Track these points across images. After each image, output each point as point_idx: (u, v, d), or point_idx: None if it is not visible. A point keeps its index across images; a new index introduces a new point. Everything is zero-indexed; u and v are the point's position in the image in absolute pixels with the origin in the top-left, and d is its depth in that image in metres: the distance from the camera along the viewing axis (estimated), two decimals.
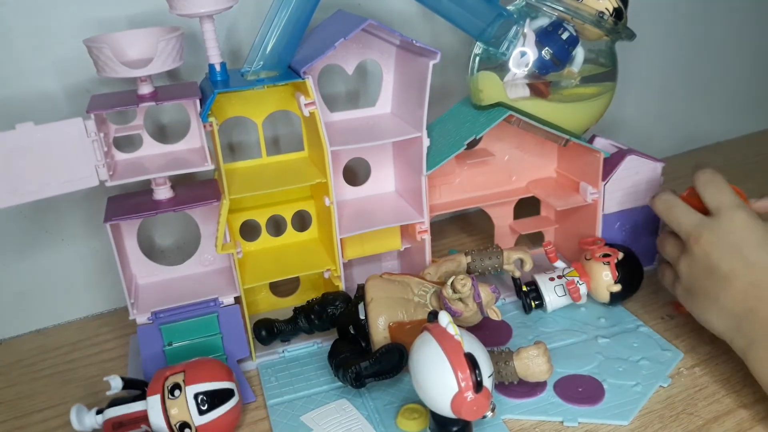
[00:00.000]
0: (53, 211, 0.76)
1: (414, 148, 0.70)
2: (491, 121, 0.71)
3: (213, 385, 0.57)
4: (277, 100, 0.70)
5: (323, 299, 0.68)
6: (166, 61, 0.59)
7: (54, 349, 0.76)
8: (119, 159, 0.66)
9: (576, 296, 0.71)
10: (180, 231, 0.82)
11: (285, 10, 0.62)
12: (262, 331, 0.68)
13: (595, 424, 0.59)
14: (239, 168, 0.71)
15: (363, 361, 0.60)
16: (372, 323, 0.62)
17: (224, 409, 0.57)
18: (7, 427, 0.65)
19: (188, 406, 0.56)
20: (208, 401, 0.56)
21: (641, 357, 0.66)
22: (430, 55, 0.64)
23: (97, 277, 0.80)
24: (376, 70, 0.76)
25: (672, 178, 0.82)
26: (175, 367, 0.58)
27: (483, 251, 0.73)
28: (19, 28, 0.69)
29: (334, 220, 0.68)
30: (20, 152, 0.55)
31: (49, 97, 0.72)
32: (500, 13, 0.69)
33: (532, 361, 0.59)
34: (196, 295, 0.67)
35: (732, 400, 0.61)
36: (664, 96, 1.13)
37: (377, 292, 0.64)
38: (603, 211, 0.77)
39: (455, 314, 0.63)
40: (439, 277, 0.70)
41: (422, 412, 0.60)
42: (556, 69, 0.71)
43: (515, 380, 0.61)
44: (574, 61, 0.72)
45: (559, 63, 0.71)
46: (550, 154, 0.83)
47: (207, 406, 0.56)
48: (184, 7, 0.60)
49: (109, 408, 0.58)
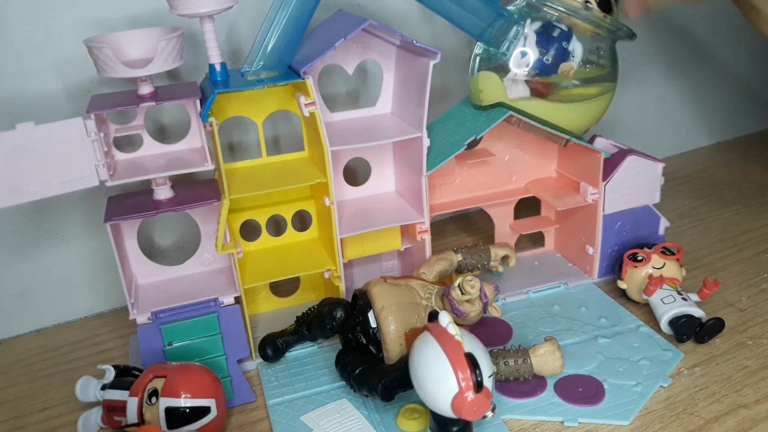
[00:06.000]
0: (53, 211, 0.76)
1: (414, 148, 0.70)
2: (491, 121, 0.71)
3: (188, 402, 0.56)
4: (278, 100, 0.70)
5: (324, 312, 0.66)
6: (166, 61, 0.59)
7: (54, 349, 0.76)
8: (119, 159, 0.66)
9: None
10: (180, 231, 0.82)
11: (285, 10, 0.62)
12: (268, 350, 0.68)
13: (595, 424, 0.59)
14: (239, 168, 0.71)
15: (386, 373, 0.59)
16: (385, 331, 0.61)
17: (195, 426, 0.56)
18: (7, 427, 0.65)
19: (159, 417, 0.55)
20: (178, 417, 0.55)
21: (642, 357, 0.66)
22: (430, 55, 0.64)
23: (97, 277, 0.80)
24: (376, 70, 0.76)
25: (672, 178, 0.82)
26: (163, 369, 0.58)
27: (472, 248, 0.74)
28: (20, 28, 0.69)
29: (335, 220, 0.68)
30: (21, 152, 0.55)
31: (50, 97, 0.72)
32: (500, 13, 0.69)
33: (549, 357, 0.61)
34: (196, 295, 0.66)
35: (732, 400, 0.61)
36: (664, 96, 1.13)
37: (387, 298, 0.62)
38: (603, 211, 0.77)
39: (463, 315, 0.63)
40: (434, 277, 0.70)
41: (422, 412, 0.60)
42: (556, 71, 0.71)
43: (530, 376, 0.62)
44: (574, 56, 0.71)
45: (559, 62, 0.71)
46: (550, 154, 0.83)
47: (177, 422, 0.55)
48: (184, 7, 0.60)
49: (109, 390, 0.60)
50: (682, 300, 0.69)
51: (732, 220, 0.94)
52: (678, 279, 0.72)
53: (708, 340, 0.68)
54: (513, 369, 0.61)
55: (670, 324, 0.69)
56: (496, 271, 0.76)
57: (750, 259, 0.83)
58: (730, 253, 0.85)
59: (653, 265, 0.72)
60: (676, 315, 0.68)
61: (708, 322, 0.67)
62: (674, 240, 0.84)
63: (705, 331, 0.67)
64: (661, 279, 0.71)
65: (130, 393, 0.57)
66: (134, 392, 0.57)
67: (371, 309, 0.63)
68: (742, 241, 0.88)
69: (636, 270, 0.73)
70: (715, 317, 0.68)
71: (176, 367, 0.59)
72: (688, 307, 0.68)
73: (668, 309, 0.68)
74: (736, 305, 0.74)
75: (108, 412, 0.60)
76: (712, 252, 0.86)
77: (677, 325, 0.67)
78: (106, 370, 0.61)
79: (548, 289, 0.79)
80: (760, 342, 0.68)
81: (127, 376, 0.62)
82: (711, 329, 0.67)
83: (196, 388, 0.57)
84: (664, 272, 0.72)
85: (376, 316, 0.62)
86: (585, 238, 0.80)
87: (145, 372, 0.58)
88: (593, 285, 0.79)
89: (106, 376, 0.61)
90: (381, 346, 0.62)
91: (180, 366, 0.59)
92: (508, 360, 0.61)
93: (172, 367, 0.58)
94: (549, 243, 0.87)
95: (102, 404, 0.61)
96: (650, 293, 0.70)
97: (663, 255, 0.73)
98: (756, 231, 0.90)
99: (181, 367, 0.59)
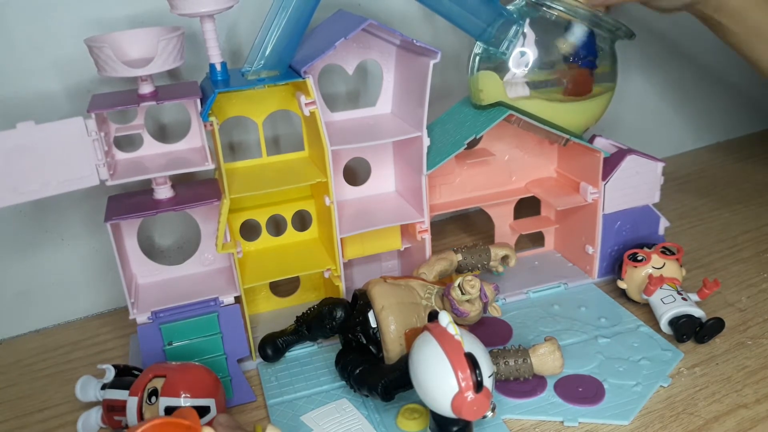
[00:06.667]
0: (53, 211, 0.76)
1: (414, 147, 0.70)
2: (491, 120, 0.71)
3: (187, 401, 0.56)
4: (278, 100, 0.70)
5: (324, 312, 0.66)
6: (166, 60, 0.59)
7: (54, 348, 0.76)
8: (120, 158, 0.66)
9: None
10: (180, 230, 0.82)
11: (285, 10, 0.62)
12: (268, 350, 0.68)
13: (595, 424, 0.59)
14: (239, 167, 0.71)
15: (387, 373, 0.59)
16: (385, 331, 0.61)
17: None
18: (7, 427, 0.65)
19: (159, 417, 0.55)
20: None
21: (642, 357, 0.66)
22: (430, 54, 0.64)
23: (97, 276, 0.80)
24: (376, 70, 0.76)
25: (672, 178, 0.82)
26: (163, 368, 0.58)
27: (472, 248, 0.74)
28: (20, 27, 0.69)
29: (335, 220, 0.68)
30: (21, 151, 0.55)
31: (50, 97, 0.71)
32: (500, 13, 0.69)
33: (549, 357, 0.61)
34: (196, 295, 0.66)
35: (732, 400, 0.61)
36: (664, 96, 1.13)
37: (387, 298, 0.62)
38: (603, 210, 0.77)
39: (462, 315, 0.63)
40: (434, 277, 0.70)
41: (422, 412, 0.60)
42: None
43: (530, 376, 0.62)
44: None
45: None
46: (550, 154, 0.83)
47: None
48: (184, 7, 0.60)
49: (109, 389, 0.60)
50: (682, 300, 0.69)
51: (732, 220, 0.94)
52: (678, 279, 0.72)
53: (708, 340, 0.68)
54: (513, 369, 0.61)
55: (670, 324, 0.69)
56: (496, 271, 0.76)
57: (750, 259, 0.83)
58: (730, 253, 0.85)
59: (653, 265, 0.72)
60: (676, 315, 0.68)
61: (708, 322, 0.67)
62: (674, 240, 0.84)
63: (705, 331, 0.67)
64: (661, 279, 0.71)
65: (130, 392, 0.57)
66: (134, 392, 0.57)
67: (371, 309, 0.63)
68: (742, 241, 0.88)
69: (636, 270, 0.73)
70: (715, 317, 0.68)
71: (176, 366, 0.58)
72: (688, 307, 0.68)
73: (668, 309, 0.68)
74: (736, 305, 0.74)
75: (108, 411, 0.60)
76: (712, 252, 0.86)
77: (677, 325, 0.67)
78: (106, 369, 0.61)
79: (548, 289, 0.79)
80: (760, 342, 0.68)
81: (127, 375, 0.62)
82: (711, 329, 0.67)
83: (196, 388, 0.57)
84: (664, 272, 0.72)
85: (376, 316, 0.62)
86: (585, 237, 0.80)
87: (145, 371, 0.58)
88: (593, 285, 0.80)
89: (106, 375, 0.61)
90: (381, 346, 0.62)
91: (180, 366, 0.59)
92: (508, 360, 0.62)
93: (172, 366, 0.58)
94: (549, 243, 0.87)
95: (102, 404, 0.61)
96: (650, 293, 0.70)
97: (663, 255, 0.73)
98: (756, 231, 0.90)
99: (181, 366, 0.59)
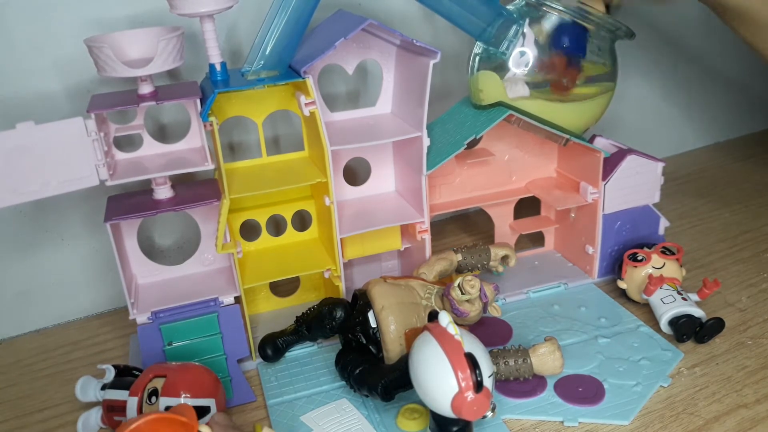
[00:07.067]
0: (53, 211, 0.76)
1: (414, 147, 0.70)
2: (491, 120, 0.71)
3: (187, 401, 0.55)
4: (278, 100, 0.70)
5: (324, 312, 0.66)
6: (166, 60, 0.59)
7: (54, 348, 0.76)
8: (119, 158, 0.66)
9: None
10: (180, 231, 0.82)
11: (285, 9, 0.62)
12: (268, 350, 0.68)
13: (595, 424, 0.59)
14: (239, 168, 0.71)
15: (386, 373, 0.59)
16: (385, 331, 0.61)
17: None
18: (7, 427, 0.65)
19: None
20: None
21: (642, 357, 0.66)
22: (430, 54, 0.64)
23: (97, 276, 0.80)
24: (376, 70, 0.76)
25: (672, 178, 0.82)
26: (164, 369, 0.58)
27: (472, 248, 0.74)
28: (20, 28, 0.69)
29: (335, 220, 0.68)
30: (21, 151, 0.55)
31: (50, 97, 0.71)
32: (500, 12, 0.69)
33: (549, 357, 0.61)
34: (196, 295, 0.66)
35: (732, 400, 0.61)
36: (664, 96, 1.13)
37: (387, 298, 0.62)
38: (603, 210, 0.77)
39: (462, 315, 0.63)
40: (434, 277, 0.70)
41: (422, 412, 0.60)
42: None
43: (530, 376, 0.62)
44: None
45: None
46: (550, 154, 0.83)
47: None
48: (184, 7, 0.60)
49: (109, 389, 0.60)
50: (682, 300, 0.69)
51: (732, 220, 0.94)
52: (678, 279, 0.72)
53: (708, 340, 0.68)
54: (513, 369, 0.61)
55: (670, 324, 0.69)
56: (496, 271, 0.76)
57: (750, 259, 0.83)
58: (730, 253, 0.85)
59: (653, 265, 0.72)
60: (676, 315, 0.68)
61: (708, 322, 0.67)
62: (674, 240, 0.84)
63: (705, 331, 0.67)
64: (661, 279, 0.71)
65: (130, 393, 0.57)
66: (134, 392, 0.57)
67: (371, 309, 0.63)
68: (742, 241, 0.88)
69: (636, 270, 0.73)
70: (715, 317, 0.68)
71: (176, 366, 0.58)
72: (688, 307, 0.68)
73: (668, 309, 0.68)
74: (736, 305, 0.74)
75: (108, 412, 0.60)
76: (712, 252, 0.86)
77: (677, 325, 0.67)
78: (106, 369, 0.61)
79: (548, 289, 0.79)
80: (760, 342, 0.68)
81: (127, 375, 0.62)
82: (711, 329, 0.67)
83: (196, 388, 0.57)
84: (664, 272, 0.72)
85: (376, 316, 0.62)
86: (585, 237, 0.80)
87: (145, 372, 0.58)
88: (593, 285, 0.79)
89: (106, 375, 0.61)
90: (381, 346, 0.62)
91: (180, 366, 0.59)
92: (508, 360, 0.62)
93: (172, 366, 0.58)
94: (549, 243, 0.87)
95: (102, 404, 0.61)
96: (650, 293, 0.70)
97: (663, 255, 0.73)
98: (756, 231, 0.90)
99: (181, 366, 0.59)
